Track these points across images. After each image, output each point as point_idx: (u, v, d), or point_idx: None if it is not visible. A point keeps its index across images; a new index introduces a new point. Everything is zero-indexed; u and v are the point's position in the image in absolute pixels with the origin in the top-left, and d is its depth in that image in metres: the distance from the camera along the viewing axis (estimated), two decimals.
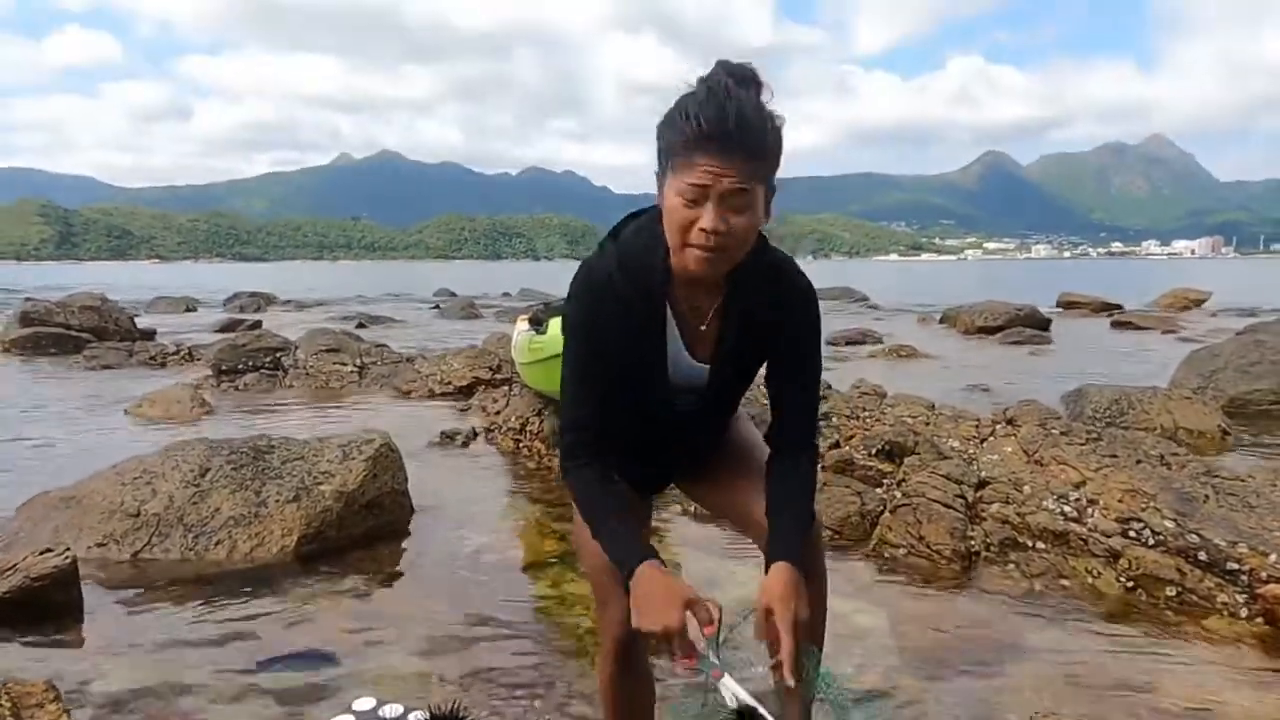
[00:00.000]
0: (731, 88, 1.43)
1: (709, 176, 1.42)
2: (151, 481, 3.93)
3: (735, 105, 1.41)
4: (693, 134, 1.42)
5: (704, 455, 1.84)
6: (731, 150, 1.42)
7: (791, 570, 1.56)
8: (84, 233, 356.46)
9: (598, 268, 1.59)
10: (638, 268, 1.56)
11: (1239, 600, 3.17)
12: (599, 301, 1.57)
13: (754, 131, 1.43)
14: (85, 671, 2.63)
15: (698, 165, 1.43)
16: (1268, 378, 7.37)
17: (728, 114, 1.41)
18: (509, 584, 3.49)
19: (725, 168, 1.42)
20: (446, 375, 8.26)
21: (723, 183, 1.42)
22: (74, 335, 11.93)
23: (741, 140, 1.42)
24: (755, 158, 1.44)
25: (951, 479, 4.10)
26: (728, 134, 1.41)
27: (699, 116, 1.42)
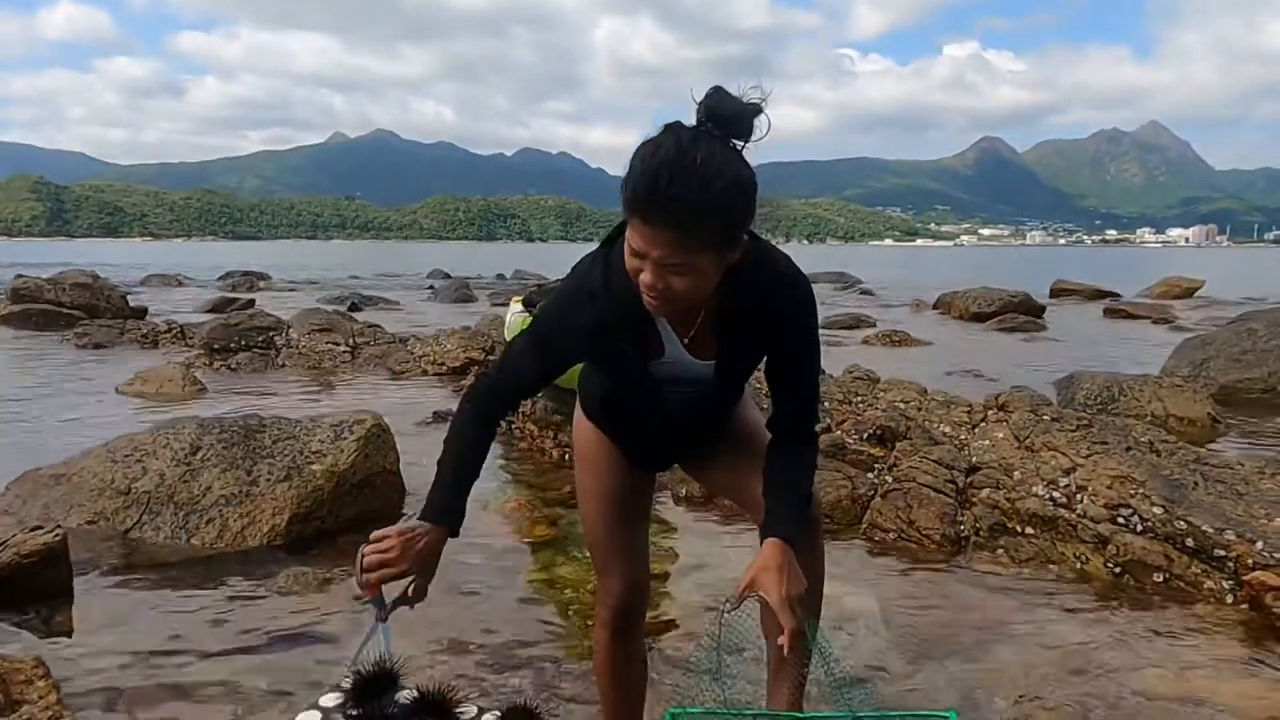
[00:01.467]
0: (682, 151, 1.34)
1: (641, 244, 1.39)
2: (142, 460, 3.92)
3: (669, 179, 1.32)
4: (627, 198, 1.37)
5: (709, 438, 1.85)
6: (659, 227, 1.35)
7: (783, 546, 1.56)
8: (76, 209, 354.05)
9: (586, 279, 1.56)
10: (622, 286, 1.50)
11: (1225, 586, 3.19)
12: (576, 310, 1.56)
13: (688, 209, 1.33)
14: (75, 649, 2.64)
15: (634, 228, 1.39)
16: (1258, 366, 7.41)
17: (658, 189, 1.33)
18: (501, 563, 3.50)
19: (654, 240, 1.37)
20: (439, 356, 8.25)
21: (653, 253, 1.38)
22: (65, 312, 11.88)
23: (672, 218, 1.34)
24: (689, 234, 1.36)
25: (942, 464, 4.12)
26: (656, 210, 1.34)
27: (634, 183, 1.35)
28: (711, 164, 1.34)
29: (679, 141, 1.35)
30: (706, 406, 1.75)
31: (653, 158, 1.34)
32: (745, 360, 1.67)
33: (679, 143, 1.34)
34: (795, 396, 1.69)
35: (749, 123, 1.39)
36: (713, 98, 1.38)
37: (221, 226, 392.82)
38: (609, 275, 1.53)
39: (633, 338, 1.58)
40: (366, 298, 18.67)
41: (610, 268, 1.53)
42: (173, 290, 21.97)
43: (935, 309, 17.03)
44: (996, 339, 12.72)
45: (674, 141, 1.35)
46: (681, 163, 1.33)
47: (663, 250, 1.37)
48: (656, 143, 1.36)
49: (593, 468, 1.87)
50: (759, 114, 1.39)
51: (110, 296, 13.12)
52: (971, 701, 2.40)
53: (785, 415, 1.70)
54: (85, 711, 2.19)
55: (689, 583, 3.28)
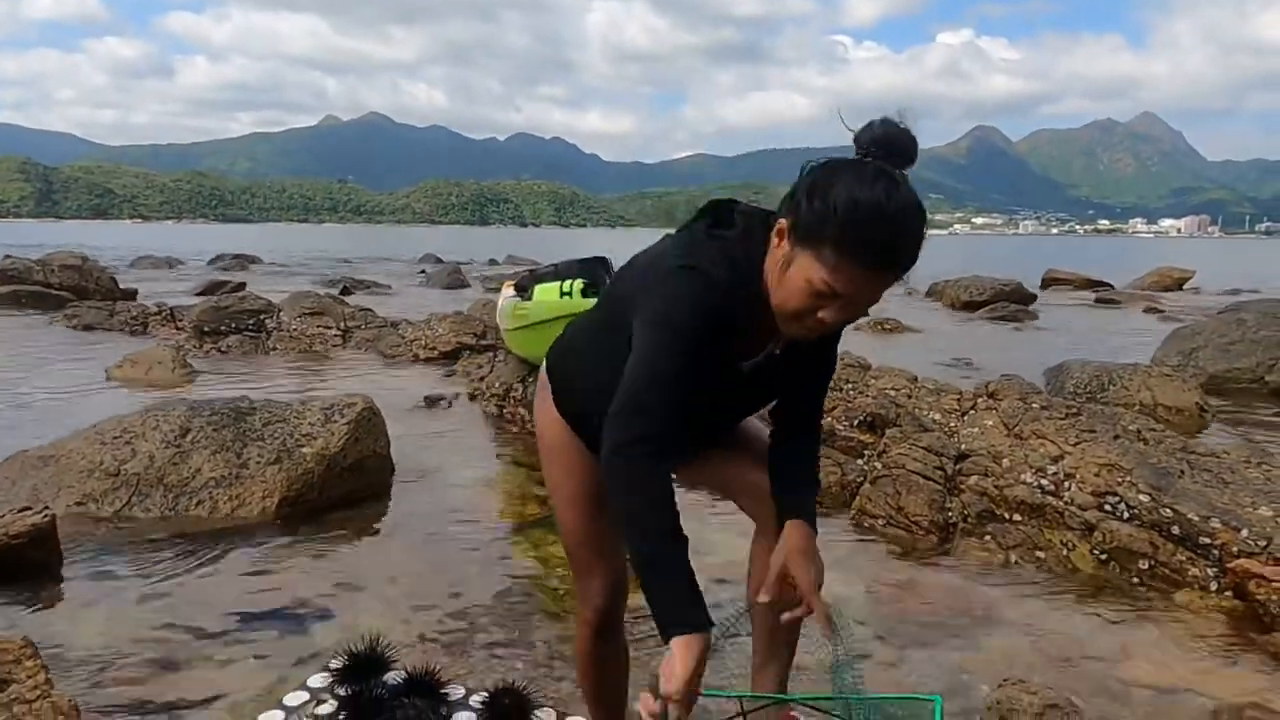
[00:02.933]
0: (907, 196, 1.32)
1: (850, 289, 1.34)
2: (131, 441, 3.91)
3: (912, 229, 1.32)
4: (860, 249, 1.31)
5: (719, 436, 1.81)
6: (888, 275, 1.35)
7: (808, 531, 1.58)
8: (65, 191, 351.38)
9: (707, 272, 1.43)
10: (744, 288, 1.44)
11: (1209, 574, 3.22)
12: (718, 300, 1.42)
13: (915, 256, 1.35)
14: (63, 628, 2.64)
15: (845, 274, 1.33)
16: (1247, 356, 7.45)
17: (902, 240, 1.32)
18: (491, 546, 3.51)
19: (873, 287, 1.35)
20: (431, 340, 8.23)
21: (863, 298, 1.36)
22: (54, 294, 11.80)
23: (904, 267, 1.35)
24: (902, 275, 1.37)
25: (932, 451, 4.13)
26: (896, 261, 1.33)
27: (868, 233, 1.30)
28: (921, 204, 1.35)
29: (901, 186, 1.32)
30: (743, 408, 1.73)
31: (889, 202, 1.30)
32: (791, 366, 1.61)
33: (901, 188, 1.32)
34: (815, 389, 1.71)
35: (915, 148, 1.38)
36: (878, 128, 1.37)
37: (212, 209, 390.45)
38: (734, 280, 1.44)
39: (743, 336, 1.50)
40: (358, 281, 18.59)
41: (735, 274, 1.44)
42: (163, 272, 21.85)
43: (927, 297, 17.05)
44: (987, 328, 12.75)
45: (900, 187, 1.32)
46: (916, 212, 1.33)
47: (875, 293, 1.36)
48: (884, 185, 1.31)
49: (567, 467, 1.76)
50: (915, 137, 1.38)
51: (99, 278, 13.03)
52: (957, 685, 2.42)
53: (800, 407, 1.71)
54: (74, 690, 2.18)
55: None
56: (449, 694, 1.71)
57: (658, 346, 1.41)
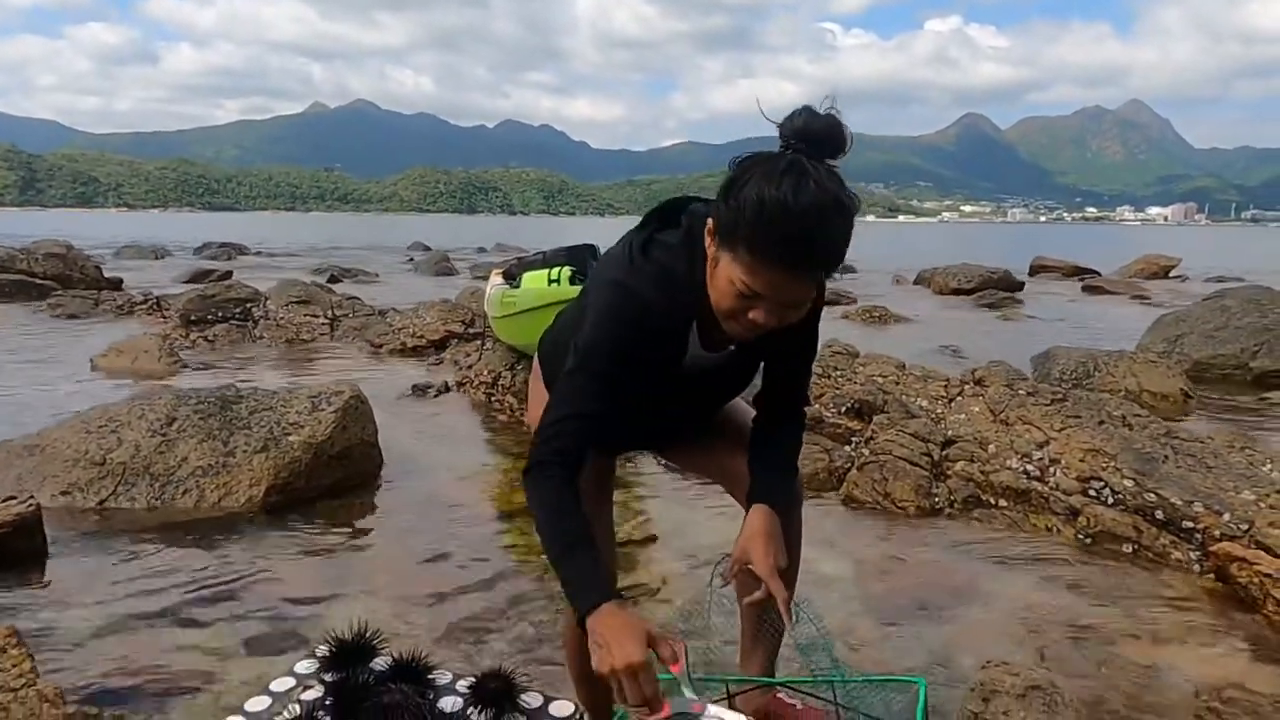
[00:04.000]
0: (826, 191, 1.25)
1: (769, 289, 1.31)
2: (117, 430, 3.89)
3: (826, 226, 1.26)
4: (769, 248, 1.27)
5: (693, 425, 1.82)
6: (807, 275, 1.30)
7: (770, 514, 1.58)
8: (48, 179, 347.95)
9: (634, 291, 1.44)
10: (674, 300, 1.43)
11: (1192, 558, 3.25)
12: (634, 329, 1.44)
13: (838, 254, 1.30)
14: (48, 617, 2.63)
15: (760, 275, 1.30)
16: (1231, 343, 7.50)
17: (815, 239, 1.26)
18: (479, 532, 3.51)
19: (793, 287, 1.31)
20: (419, 329, 8.21)
21: (786, 298, 1.32)
22: (38, 283, 11.71)
23: (823, 266, 1.31)
24: (829, 274, 1.33)
25: (919, 437, 4.15)
26: (811, 261, 1.28)
27: (778, 231, 1.25)
28: (845, 199, 1.28)
29: (818, 182, 1.26)
30: (712, 398, 1.73)
31: (795, 200, 1.24)
32: (758, 353, 1.63)
33: (819, 183, 1.26)
34: (793, 377, 1.70)
35: (844, 137, 1.31)
36: (799, 118, 1.30)
37: (198, 197, 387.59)
38: (660, 286, 1.44)
39: (676, 347, 1.52)
40: (345, 270, 18.51)
41: (660, 280, 1.44)
42: (149, 261, 21.70)
43: (916, 285, 17.09)
44: (975, 315, 12.80)
45: (813, 183, 1.26)
46: (827, 206, 1.26)
47: (797, 293, 1.32)
48: (792, 181, 1.25)
49: None
50: (845, 126, 1.31)
51: (84, 267, 12.93)
52: (941, 665, 2.44)
53: (780, 393, 1.70)
54: (59, 679, 2.18)
55: (668, 549, 3.31)
56: (435, 679, 1.71)
57: (578, 369, 1.45)
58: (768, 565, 1.52)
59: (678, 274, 1.44)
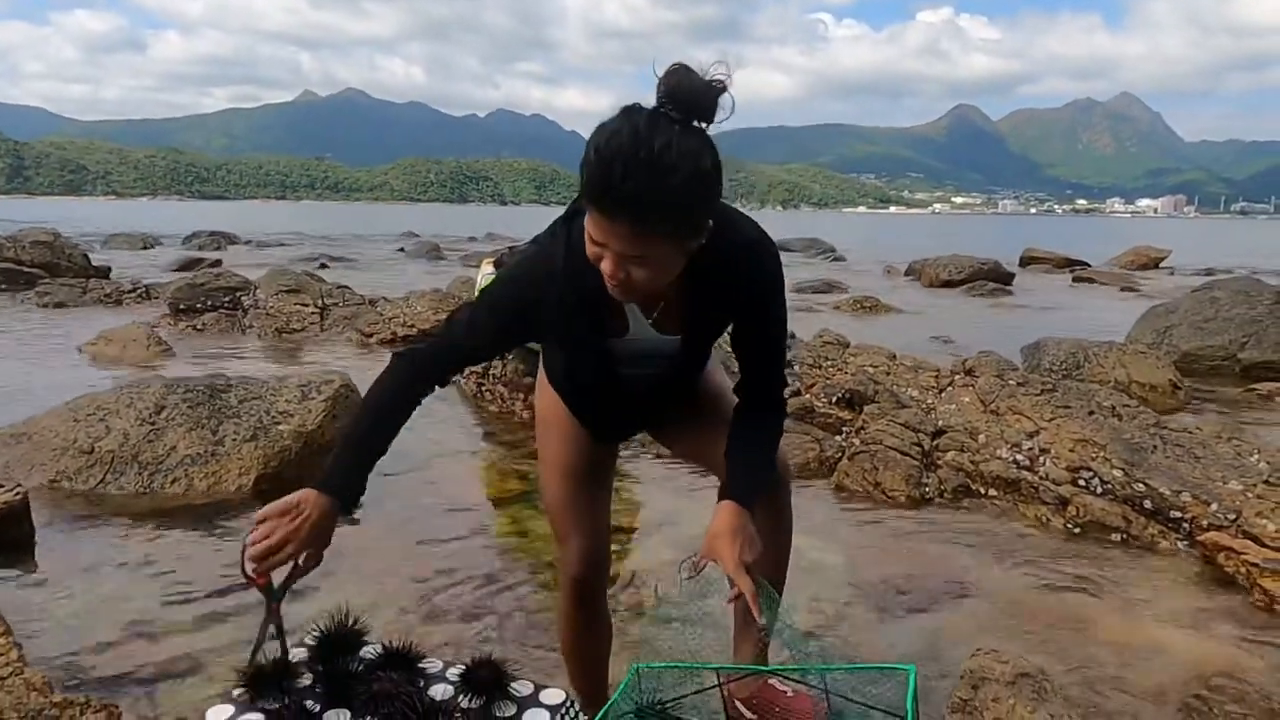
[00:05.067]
0: (638, 141, 1.25)
1: (599, 235, 1.33)
2: (105, 419, 3.87)
3: (624, 172, 1.25)
4: (583, 188, 1.31)
5: (674, 408, 1.82)
6: (616, 220, 1.30)
7: (737, 509, 1.56)
8: (36, 166, 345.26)
9: (546, 256, 1.51)
10: (583, 264, 1.44)
11: (1180, 547, 3.27)
12: (533, 287, 1.51)
13: (645, 204, 1.27)
14: (36, 605, 2.61)
15: (592, 217, 1.33)
16: (1220, 334, 7.53)
17: (613, 182, 1.26)
18: (470, 520, 3.51)
19: (612, 232, 1.31)
20: (409, 318, 8.18)
21: (611, 244, 1.33)
22: (25, 271, 11.61)
23: (629, 213, 1.28)
24: (646, 228, 1.30)
25: (909, 427, 4.16)
26: (611, 203, 1.28)
27: (589, 173, 1.29)
28: (669, 155, 1.26)
29: (635, 130, 1.26)
30: (673, 379, 1.72)
31: (606, 147, 1.26)
32: (712, 331, 1.65)
33: (635, 131, 1.26)
34: (761, 361, 1.67)
35: (712, 103, 1.29)
36: (673, 77, 1.28)
37: (188, 186, 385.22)
38: (570, 253, 1.46)
39: (593, 318, 1.53)
40: (336, 258, 18.45)
41: (571, 245, 1.47)
42: (137, 249, 21.57)
43: (907, 276, 17.12)
44: (966, 305, 12.83)
45: (630, 130, 1.26)
46: (637, 154, 1.25)
47: (621, 243, 1.32)
48: (611, 130, 1.28)
49: (555, 436, 1.83)
50: (723, 93, 1.30)
51: (72, 255, 12.83)
52: (931, 653, 2.45)
53: (751, 380, 1.68)
54: (47, 666, 2.17)
55: (659, 538, 3.31)
56: (426, 667, 1.71)
57: (479, 304, 1.59)
58: (733, 561, 1.52)
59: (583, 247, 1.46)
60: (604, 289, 1.43)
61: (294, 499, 1.51)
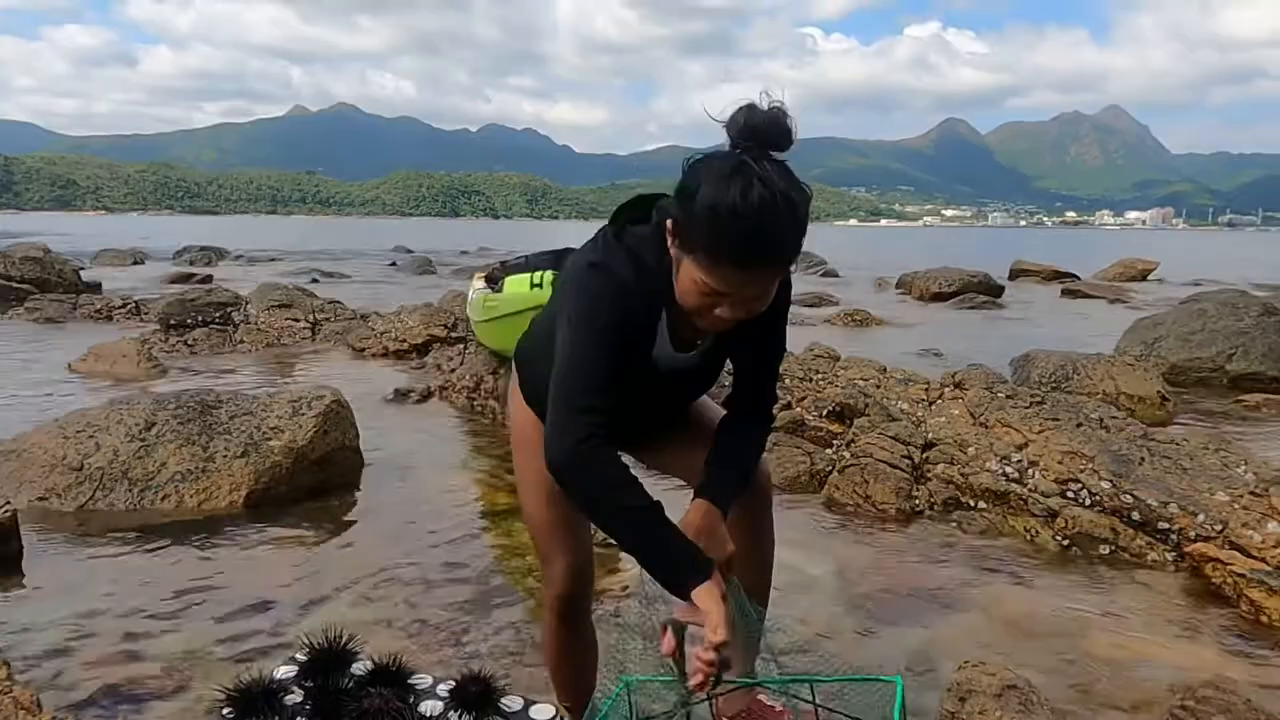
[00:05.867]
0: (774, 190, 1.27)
1: (729, 287, 1.34)
2: (95, 435, 3.86)
3: (775, 224, 1.28)
4: (721, 248, 1.30)
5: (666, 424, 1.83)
6: (761, 272, 1.34)
7: (708, 509, 1.57)
8: (26, 181, 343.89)
9: (612, 271, 1.47)
10: (645, 285, 1.46)
11: (1168, 558, 3.29)
12: (626, 300, 1.46)
13: (791, 248, 1.33)
14: (24, 623, 2.60)
15: (720, 274, 1.32)
16: (1208, 346, 7.58)
17: (765, 237, 1.29)
18: (460, 534, 3.51)
19: (751, 283, 1.34)
20: (401, 333, 8.18)
21: (746, 292, 1.36)
22: (15, 287, 11.58)
23: (778, 262, 1.34)
24: (785, 268, 1.36)
25: (899, 440, 4.18)
26: (763, 258, 1.31)
27: (731, 231, 1.28)
28: (796, 195, 1.31)
29: (762, 181, 1.28)
30: (678, 398, 1.74)
31: (745, 204, 1.27)
32: (725, 352, 1.66)
33: (763, 182, 1.28)
34: (760, 377, 1.69)
35: (788, 130, 1.33)
36: (742, 115, 1.32)
37: (178, 200, 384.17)
38: (641, 273, 1.47)
39: (647, 337, 1.54)
40: (327, 273, 18.45)
41: (637, 265, 1.47)
42: (128, 265, 21.52)
43: (897, 289, 17.18)
44: (956, 318, 12.89)
45: (758, 182, 1.28)
46: (778, 206, 1.28)
47: (755, 289, 1.35)
48: (739, 186, 1.28)
49: (535, 454, 1.73)
50: (788, 116, 1.33)
51: (62, 270, 12.81)
52: (921, 665, 2.46)
53: (746, 394, 1.70)
54: (37, 685, 2.16)
55: None
56: (416, 683, 1.71)
57: (581, 345, 1.45)
58: None
59: (648, 263, 1.48)
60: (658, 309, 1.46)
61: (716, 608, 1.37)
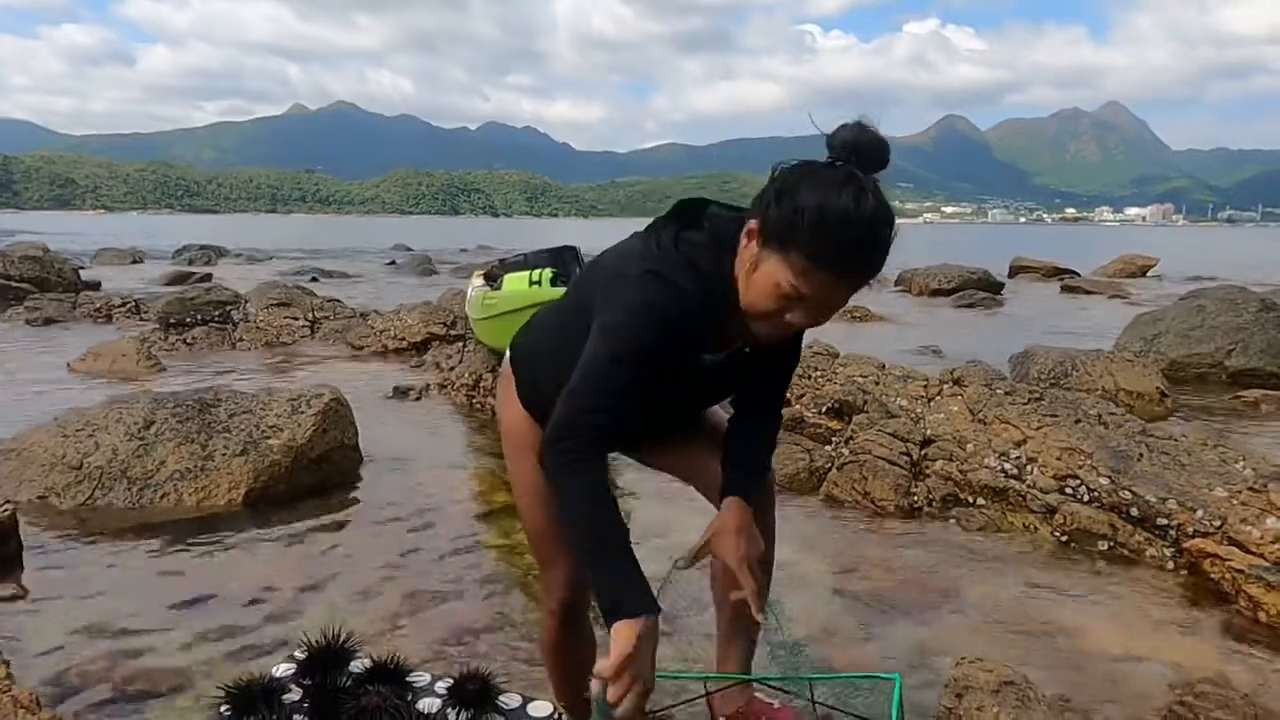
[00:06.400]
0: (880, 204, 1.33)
1: (818, 293, 1.36)
2: (94, 434, 3.86)
3: (882, 237, 1.34)
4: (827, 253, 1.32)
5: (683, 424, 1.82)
6: (857, 280, 1.37)
7: (743, 507, 1.59)
8: (25, 181, 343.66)
9: (670, 280, 1.43)
10: (705, 293, 1.45)
11: (1166, 554, 3.29)
12: (675, 321, 1.43)
13: (879, 267, 1.37)
14: (24, 622, 2.61)
15: (812, 279, 1.34)
16: (1207, 342, 7.58)
17: (873, 249, 1.34)
18: (459, 532, 3.51)
19: (840, 291, 1.37)
20: (400, 331, 8.19)
21: (833, 301, 1.38)
22: (14, 286, 11.57)
23: (877, 269, 1.37)
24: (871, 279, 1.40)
25: (898, 437, 4.18)
26: (866, 268, 1.36)
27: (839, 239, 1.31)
28: (890, 215, 1.36)
29: (869, 193, 1.33)
30: (708, 397, 1.75)
31: (859, 213, 1.31)
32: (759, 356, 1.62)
33: (869, 194, 1.33)
34: (778, 377, 1.72)
35: (887, 155, 1.37)
36: (850, 132, 1.36)
37: (178, 199, 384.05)
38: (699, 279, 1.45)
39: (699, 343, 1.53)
40: (327, 272, 18.44)
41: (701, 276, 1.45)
42: (127, 264, 21.51)
43: (896, 285, 17.18)
44: (955, 315, 12.89)
45: (867, 194, 1.32)
46: (884, 218, 1.34)
47: (839, 296, 1.38)
48: (851, 195, 1.31)
49: (531, 459, 1.70)
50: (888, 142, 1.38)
51: (62, 270, 12.80)
52: (920, 662, 2.46)
53: (763, 394, 1.72)
54: (36, 683, 2.17)
55: (649, 548, 3.30)
56: (414, 680, 1.71)
57: (610, 357, 1.42)
58: (738, 556, 1.54)
59: (705, 271, 1.47)
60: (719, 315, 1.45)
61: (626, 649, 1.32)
